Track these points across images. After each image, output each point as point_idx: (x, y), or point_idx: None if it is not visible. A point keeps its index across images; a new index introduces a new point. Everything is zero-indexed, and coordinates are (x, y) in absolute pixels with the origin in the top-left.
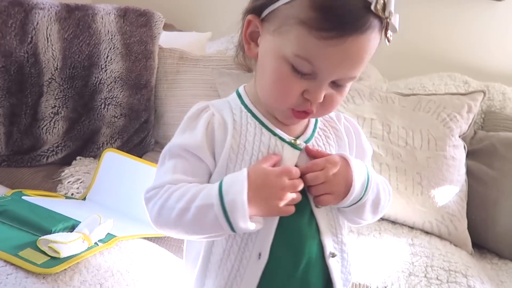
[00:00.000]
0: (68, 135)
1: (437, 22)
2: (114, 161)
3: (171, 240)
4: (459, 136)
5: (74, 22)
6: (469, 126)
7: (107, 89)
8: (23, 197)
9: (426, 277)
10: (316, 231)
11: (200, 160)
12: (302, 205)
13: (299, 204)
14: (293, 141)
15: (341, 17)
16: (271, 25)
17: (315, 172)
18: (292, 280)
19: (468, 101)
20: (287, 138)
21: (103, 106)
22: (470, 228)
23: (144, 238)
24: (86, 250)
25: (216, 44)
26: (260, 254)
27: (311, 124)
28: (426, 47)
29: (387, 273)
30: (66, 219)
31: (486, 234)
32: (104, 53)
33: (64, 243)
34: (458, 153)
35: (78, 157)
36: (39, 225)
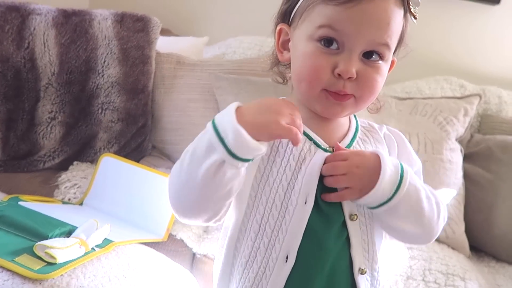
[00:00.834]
0: (65, 140)
1: (433, 26)
2: (111, 166)
3: (169, 245)
4: (456, 140)
5: (71, 28)
6: (466, 130)
7: (104, 94)
8: (20, 203)
9: (424, 281)
10: (346, 244)
11: None
12: (334, 214)
13: (331, 213)
14: (328, 148)
15: None
16: (296, 22)
17: (336, 162)
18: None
19: (465, 105)
20: (323, 145)
21: (100, 111)
22: (468, 231)
23: (142, 243)
24: (83, 256)
25: (213, 49)
26: (287, 257)
27: (351, 133)
28: (423, 51)
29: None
30: (63, 225)
31: (484, 237)
32: (101, 58)
33: (61, 249)
34: (455, 157)
35: (75, 162)
36: (36, 231)
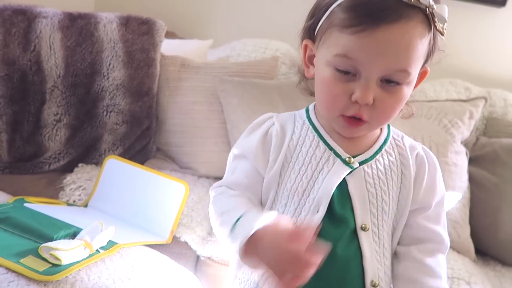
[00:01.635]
0: (70, 142)
1: None
2: (116, 168)
3: (173, 247)
4: (461, 143)
5: (77, 31)
6: (471, 133)
7: (109, 97)
8: (25, 204)
9: None
10: (359, 255)
11: (252, 165)
12: (345, 223)
13: (342, 221)
14: (347, 159)
15: (366, 9)
16: (318, 42)
17: None
18: None
19: (470, 108)
20: (342, 155)
21: (105, 113)
22: (473, 235)
23: (146, 245)
24: (88, 257)
25: (218, 52)
26: None
27: (376, 145)
28: None
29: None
30: (68, 226)
31: (489, 241)
32: (106, 61)
33: (66, 250)
34: (460, 160)
35: (80, 164)
36: (41, 232)
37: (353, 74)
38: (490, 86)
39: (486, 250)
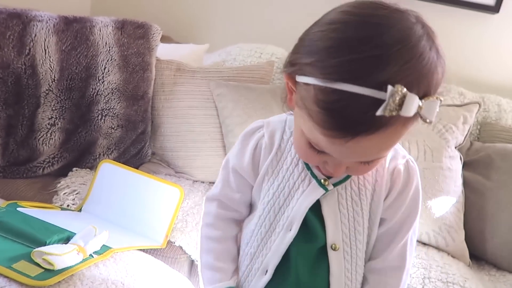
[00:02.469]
0: (65, 146)
1: None
2: (110, 172)
3: (167, 252)
4: (455, 147)
5: (72, 34)
6: (465, 137)
7: (104, 100)
8: (18, 209)
9: None
10: (327, 271)
11: (245, 179)
12: (316, 243)
13: (313, 241)
14: (323, 181)
15: (342, 120)
16: (296, 96)
17: None
18: None
19: (464, 113)
20: (319, 176)
21: (100, 117)
22: (468, 239)
23: (140, 250)
24: (81, 262)
25: (213, 56)
26: (267, 271)
27: None
28: None
29: None
30: (61, 231)
31: (484, 246)
32: (102, 65)
33: (59, 255)
34: (455, 164)
35: (75, 168)
36: (34, 237)
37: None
38: (484, 92)
39: (481, 255)
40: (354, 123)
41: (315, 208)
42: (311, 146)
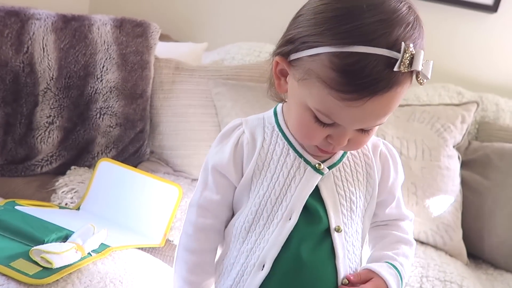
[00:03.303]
0: (63, 145)
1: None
2: (109, 171)
3: (165, 251)
4: (453, 147)
5: (70, 33)
6: (463, 137)
7: (103, 99)
8: (16, 207)
9: None
10: (332, 255)
11: (226, 178)
12: (318, 227)
13: (314, 226)
14: (317, 165)
15: (361, 80)
16: (296, 73)
17: None
18: None
19: (462, 112)
20: (312, 162)
21: (99, 116)
22: (466, 238)
23: (138, 248)
24: (79, 260)
25: (212, 55)
26: (264, 266)
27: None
28: None
29: None
30: (60, 229)
31: (482, 244)
32: (100, 63)
33: (57, 254)
34: (453, 163)
35: (73, 167)
36: (32, 235)
37: (331, 123)
38: (482, 91)
39: (479, 254)
40: (373, 81)
41: (314, 194)
42: (317, 121)
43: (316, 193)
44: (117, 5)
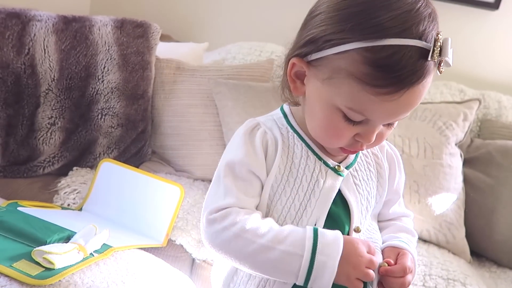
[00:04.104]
0: (65, 146)
1: None
2: (111, 171)
3: (168, 250)
4: (456, 144)
5: (71, 34)
6: (465, 134)
7: (104, 100)
8: (19, 208)
9: (425, 286)
10: None
11: (258, 179)
12: (340, 227)
13: (338, 226)
14: (337, 167)
15: (398, 73)
16: (320, 73)
17: (410, 276)
18: None
19: (464, 110)
20: (331, 164)
21: (100, 117)
22: (468, 236)
23: (140, 249)
24: (81, 261)
25: (213, 55)
26: None
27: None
28: None
29: None
30: (62, 230)
31: (485, 242)
32: (101, 64)
33: (59, 254)
34: (455, 161)
35: (75, 168)
36: (34, 236)
37: (360, 121)
38: (484, 89)
39: (481, 252)
40: (409, 73)
41: (336, 195)
42: (347, 119)
43: (339, 195)
44: (118, 6)
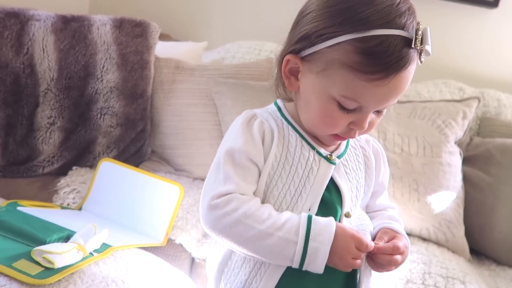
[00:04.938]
0: (64, 145)
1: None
2: (110, 171)
3: (168, 250)
4: (455, 143)
5: (70, 33)
6: (465, 133)
7: (103, 99)
8: (18, 208)
9: (424, 284)
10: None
11: (256, 166)
12: (332, 213)
13: (330, 212)
14: (329, 156)
15: (386, 59)
16: (314, 66)
17: (400, 257)
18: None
19: (463, 108)
20: (324, 153)
21: (99, 116)
22: (468, 235)
23: (140, 248)
24: (81, 261)
25: (212, 54)
26: None
27: (344, 141)
28: None
29: (385, 280)
30: (61, 230)
31: (484, 241)
32: (100, 63)
33: (59, 254)
34: (454, 160)
35: (74, 167)
36: (34, 236)
37: (354, 109)
38: (484, 87)
39: (481, 250)
40: (396, 59)
41: (329, 183)
42: (341, 108)
43: (331, 183)
44: (117, 5)
